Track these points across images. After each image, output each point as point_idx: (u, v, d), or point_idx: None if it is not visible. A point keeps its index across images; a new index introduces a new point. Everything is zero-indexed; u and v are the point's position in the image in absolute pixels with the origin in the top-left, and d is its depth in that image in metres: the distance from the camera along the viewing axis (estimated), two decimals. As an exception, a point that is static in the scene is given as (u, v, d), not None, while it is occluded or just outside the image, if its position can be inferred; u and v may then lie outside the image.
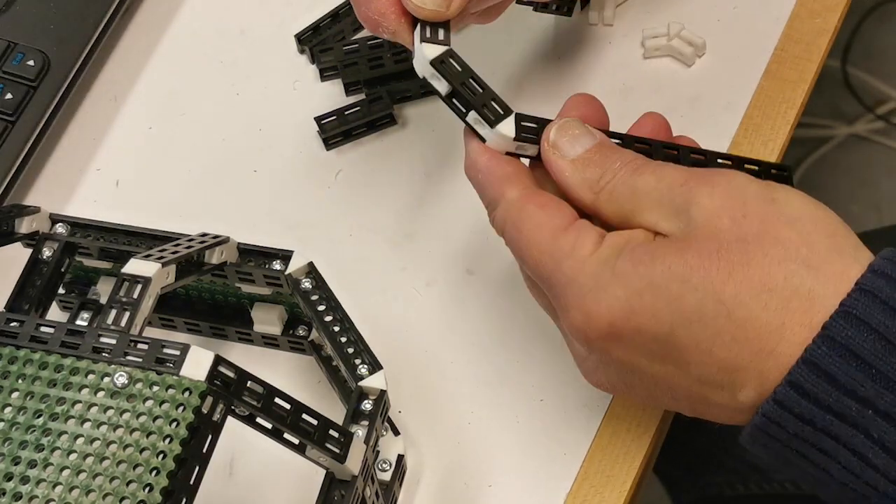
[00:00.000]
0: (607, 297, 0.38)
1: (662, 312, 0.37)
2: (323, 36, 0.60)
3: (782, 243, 0.37)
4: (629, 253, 0.38)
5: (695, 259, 0.37)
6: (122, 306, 0.39)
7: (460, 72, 0.42)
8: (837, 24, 0.59)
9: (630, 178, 0.40)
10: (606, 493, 0.47)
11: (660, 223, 0.39)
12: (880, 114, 1.31)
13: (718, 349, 0.37)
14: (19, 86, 0.57)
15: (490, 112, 0.41)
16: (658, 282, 0.37)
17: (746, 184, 0.39)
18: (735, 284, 0.36)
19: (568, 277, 0.39)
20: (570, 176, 0.41)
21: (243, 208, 0.56)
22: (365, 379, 0.43)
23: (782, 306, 0.36)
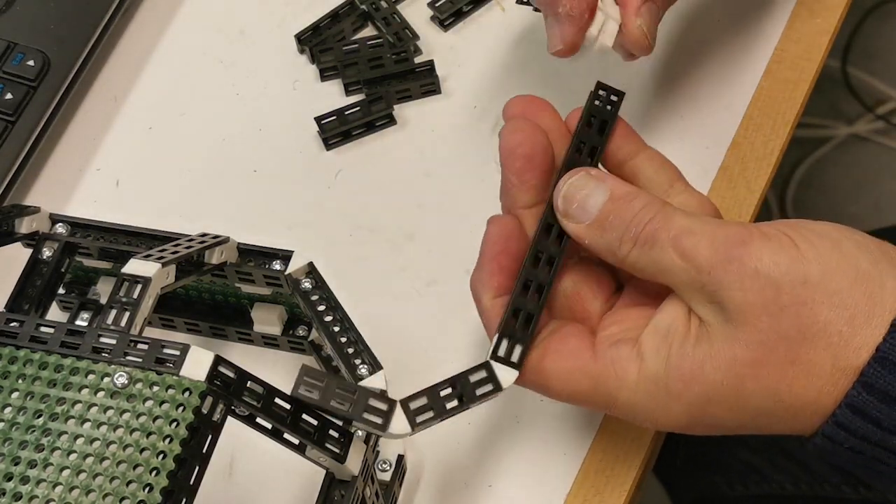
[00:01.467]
0: (671, 415, 0.39)
1: (727, 418, 0.39)
2: (323, 36, 0.60)
3: (823, 328, 0.37)
4: (677, 369, 0.38)
5: (744, 369, 0.37)
6: (122, 306, 0.39)
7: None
8: (837, 24, 0.59)
9: (652, 252, 0.39)
10: (606, 494, 0.47)
11: (696, 308, 0.39)
12: (880, 114, 1.31)
13: (781, 426, 0.39)
14: (19, 86, 0.57)
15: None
16: (715, 398, 0.38)
17: (775, 265, 0.37)
18: (788, 382, 0.37)
19: (627, 407, 0.40)
20: (591, 243, 0.40)
21: (243, 208, 0.56)
22: (365, 379, 0.43)
23: (833, 387, 0.37)
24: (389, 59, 0.58)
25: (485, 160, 0.56)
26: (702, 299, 0.38)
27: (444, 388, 0.39)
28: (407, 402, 0.38)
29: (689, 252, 0.38)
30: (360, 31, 0.61)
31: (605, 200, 0.40)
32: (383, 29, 0.60)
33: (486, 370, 0.40)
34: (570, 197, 0.40)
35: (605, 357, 0.40)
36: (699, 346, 0.38)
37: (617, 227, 0.39)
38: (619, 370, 0.39)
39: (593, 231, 0.40)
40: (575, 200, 0.40)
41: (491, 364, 0.40)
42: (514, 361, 0.40)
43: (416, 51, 0.59)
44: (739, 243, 0.38)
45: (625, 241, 0.39)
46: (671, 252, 0.38)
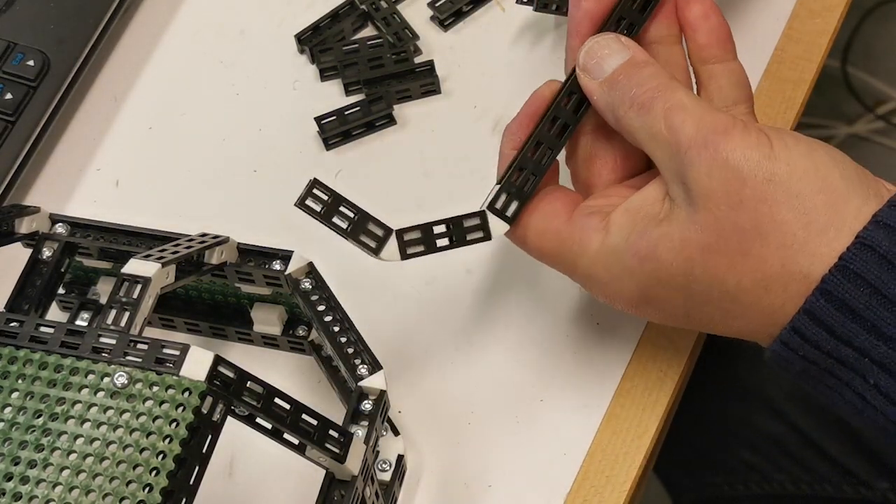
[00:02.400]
0: (623, 289, 0.41)
1: (674, 300, 0.41)
2: (323, 36, 0.60)
3: (779, 227, 0.38)
4: (634, 245, 0.40)
5: (695, 253, 0.39)
6: (122, 306, 0.39)
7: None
8: (837, 24, 0.58)
9: (645, 116, 0.40)
10: (606, 494, 0.47)
11: (668, 182, 0.40)
12: (880, 114, 1.31)
13: (731, 321, 0.40)
14: (19, 86, 0.57)
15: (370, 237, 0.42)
16: (664, 278, 0.40)
17: (745, 158, 0.38)
18: (736, 274, 0.39)
19: (585, 273, 0.42)
20: (598, 99, 0.42)
21: (243, 208, 0.56)
22: (365, 379, 0.43)
23: (781, 289, 0.38)
24: (389, 59, 0.58)
25: (485, 160, 0.56)
26: (674, 178, 0.40)
27: (439, 227, 0.43)
28: (402, 232, 0.42)
29: (675, 126, 0.40)
30: (360, 31, 0.61)
31: (622, 63, 0.42)
32: (383, 29, 0.60)
33: (480, 218, 0.43)
34: (591, 53, 0.43)
35: (577, 224, 0.42)
36: (659, 227, 0.40)
37: (623, 87, 0.41)
38: (585, 238, 0.42)
39: (603, 88, 0.42)
40: (595, 57, 0.42)
41: (486, 213, 0.43)
42: (508, 215, 0.43)
43: (416, 51, 0.59)
44: (720, 131, 0.39)
45: (624, 101, 0.41)
46: (661, 122, 0.40)
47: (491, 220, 0.43)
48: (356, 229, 0.42)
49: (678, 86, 0.41)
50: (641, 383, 0.49)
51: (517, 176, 0.43)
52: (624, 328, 0.50)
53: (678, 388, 0.50)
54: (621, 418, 0.48)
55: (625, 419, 0.48)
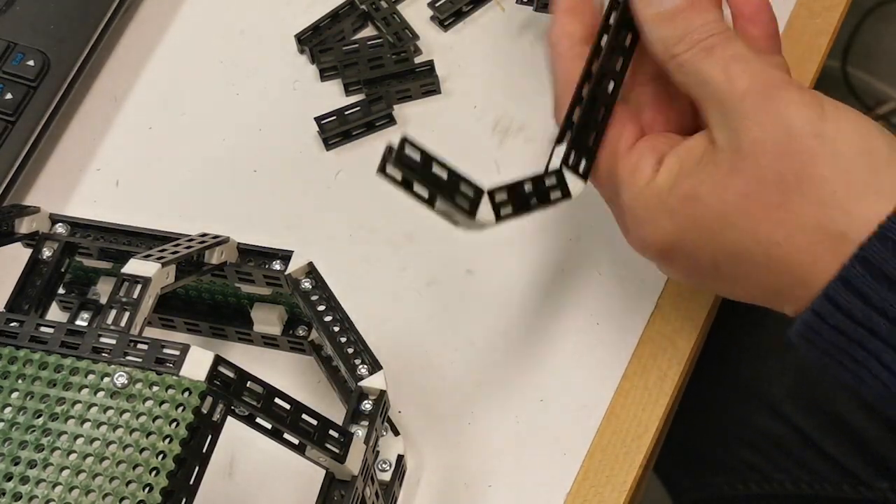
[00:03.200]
0: (658, 230, 0.41)
1: (706, 246, 0.40)
2: (323, 36, 0.60)
3: (819, 184, 0.38)
4: (679, 186, 0.41)
5: (734, 198, 0.39)
6: (122, 306, 0.39)
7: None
8: (837, 24, 0.58)
9: (702, 62, 0.40)
10: (606, 493, 0.47)
11: (715, 128, 0.40)
12: (880, 114, 1.31)
13: (757, 277, 0.40)
14: (19, 86, 0.57)
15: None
16: (700, 220, 0.40)
17: (798, 113, 0.39)
18: (770, 225, 0.39)
19: (626, 205, 0.42)
20: (650, 31, 0.42)
21: (243, 208, 0.56)
22: (365, 379, 0.43)
23: (814, 246, 0.38)
24: (389, 59, 0.58)
25: (485, 160, 0.56)
26: (724, 123, 0.40)
27: (523, 186, 0.40)
28: (493, 192, 0.39)
29: (733, 74, 0.40)
30: (360, 31, 0.61)
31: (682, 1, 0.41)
32: (383, 29, 0.60)
33: (557, 176, 0.41)
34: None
35: (634, 155, 0.42)
36: (704, 169, 0.40)
37: (683, 25, 0.41)
38: (637, 171, 0.42)
39: (659, 20, 0.41)
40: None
41: (563, 171, 0.41)
42: (581, 172, 0.41)
43: (416, 51, 0.59)
44: (777, 85, 0.39)
45: (685, 40, 0.41)
46: (719, 69, 0.40)
47: (568, 178, 0.41)
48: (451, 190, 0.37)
49: (738, 37, 0.41)
50: (641, 383, 0.49)
51: (583, 134, 0.41)
52: (624, 328, 0.50)
53: (678, 388, 0.50)
54: (621, 418, 0.48)
55: (625, 419, 0.48)
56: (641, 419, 0.48)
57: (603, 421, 0.48)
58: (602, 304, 0.51)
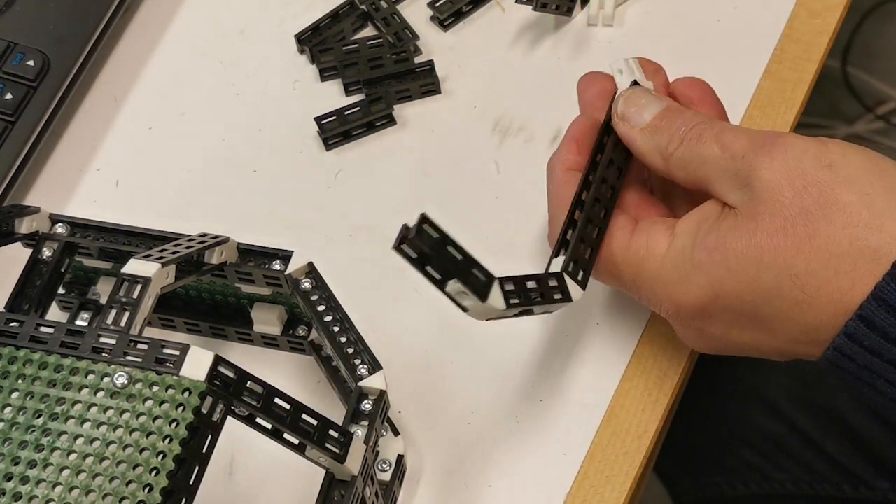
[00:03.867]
0: (692, 287, 0.41)
1: (744, 294, 0.40)
2: (323, 36, 0.60)
3: (843, 209, 0.39)
4: (702, 241, 0.41)
5: (764, 239, 0.40)
6: (121, 306, 0.39)
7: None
8: (837, 24, 0.59)
9: (696, 146, 0.43)
10: (606, 493, 0.47)
11: (727, 195, 0.42)
12: (880, 114, 1.31)
13: (798, 315, 0.40)
14: (19, 86, 0.57)
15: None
16: (734, 267, 0.40)
17: (803, 151, 0.40)
18: (805, 257, 0.39)
19: (652, 276, 0.43)
20: (642, 144, 0.44)
21: (243, 208, 0.56)
22: (365, 379, 0.43)
23: (851, 269, 0.38)
24: (389, 59, 0.58)
25: (485, 160, 0.56)
26: (734, 185, 0.41)
27: (530, 282, 0.41)
28: (502, 282, 0.39)
29: (728, 143, 0.42)
30: (360, 31, 0.61)
31: (662, 109, 0.44)
32: (383, 29, 0.60)
33: (559, 280, 0.42)
34: (630, 102, 0.45)
35: (643, 230, 0.43)
36: (724, 222, 0.41)
37: (668, 129, 0.44)
38: (652, 242, 0.43)
39: (645, 133, 0.44)
40: (634, 105, 0.45)
41: (564, 276, 0.42)
42: (580, 280, 0.43)
43: (416, 51, 0.59)
44: (774, 136, 0.41)
45: (674, 139, 0.43)
46: (713, 144, 0.42)
47: (569, 284, 0.42)
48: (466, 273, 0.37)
49: (718, 120, 0.44)
50: (641, 383, 0.49)
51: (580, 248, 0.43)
52: (624, 328, 0.50)
53: (678, 388, 0.50)
54: (621, 418, 0.48)
55: (625, 419, 0.48)
56: (641, 419, 0.48)
57: (603, 421, 0.48)
58: (602, 304, 0.51)
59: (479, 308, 0.38)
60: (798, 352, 0.41)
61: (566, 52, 0.59)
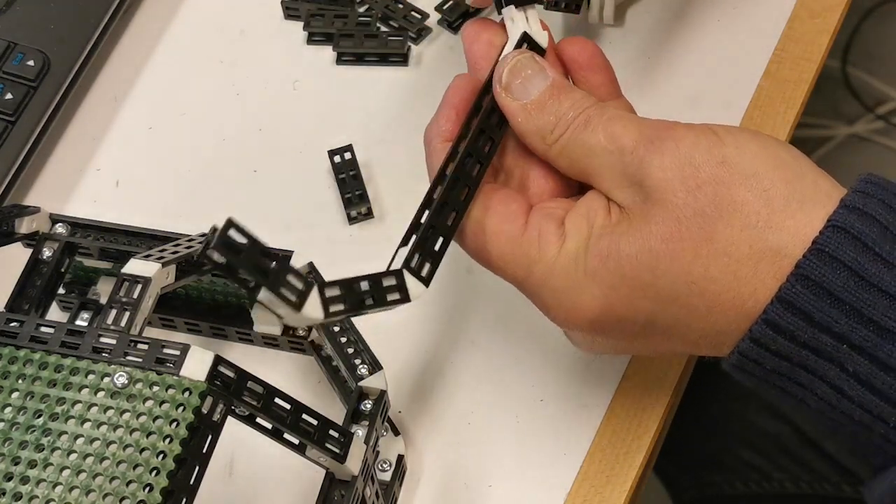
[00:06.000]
0: (584, 296, 0.39)
1: (639, 302, 0.38)
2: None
3: (740, 208, 0.37)
4: (594, 247, 0.38)
5: (658, 244, 0.37)
6: (122, 306, 0.39)
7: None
8: (837, 24, 0.59)
9: (581, 134, 0.40)
10: (606, 493, 0.47)
11: (614, 191, 0.39)
12: (880, 114, 1.31)
13: (696, 322, 0.38)
14: (19, 86, 0.57)
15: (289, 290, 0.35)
16: (629, 274, 0.38)
17: (694, 145, 0.38)
18: (702, 262, 0.37)
19: (541, 281, 0.39)
20: (523, 122, 0.41)
21: (243, 208, 0.56)
22: (365, 379, 0.43)
23: (752, 272, 0.36)
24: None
25: (485, 160, 0.56)
26: (622, 182, 0.39)
27: (359, 284, 0.37)
28: (324, 287, 0.36)
29: (617, 134, 0.39)
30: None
31: (548, 85, 0.40)
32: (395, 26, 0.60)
33: (397, 278, 0.38)
34: (515, 72, 0.41)
35: (534, 227, 0.40)
36: (618, 226, 0.38)
37: (553, 110, 0.40)
38: (543, 243, 0.39)
39: (529, 111, 0.40)
40: (519, 76, 0.41)
41: (403, 273, 0.39)
42: (423, 276, 0.39)
43: (422, 33, 0.60)
44: (664, 128, 0.38)
45: (560, 124, 0.40)
46: (600, 134, 0.39)
47: (409, 281, 0.39)
48: (276, 280, 0.35)
49: (608, 104, 0.41)
50: (641, 383, 0.49)
51: (426, 237, 0.39)
52: (624, 328, 0.50)
53: (678, 388, 0.50)
54: (621, 418, 0.48)
55: (625, 419, 0.48)
56: (641, 419, 0.48)
57: (603, 421, 0.48)
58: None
59: (293, 317, 0.36)
60: (700, 352, 0.40)
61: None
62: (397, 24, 0.60)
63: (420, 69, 0.59)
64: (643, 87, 0.57)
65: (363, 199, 0.54)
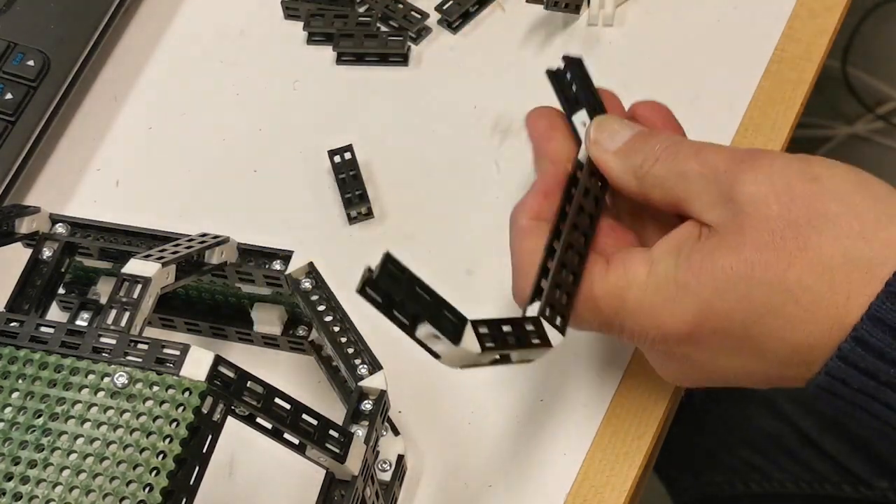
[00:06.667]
0: (679, 310, 0.39)
1: (734, 313, 0.38)
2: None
3: (833, 220, 0.37)
4: (686, 261, 0.39)
5: (753, 254, 0.38)
6: (122, 306, 0.39)
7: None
8: (837, 24, 0.59)
9: (673, 162, 0.41)
10: (606, 494, 0.47)
11: (706, 213, 0.40)
12: (880, 114, 1.31)
13: (790, 334, 0.38)
14: (19, 86, 0.57)
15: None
16: (723, 286, 0.38)
17: (787, 165, 0.39)
18: (797, 270, 0.37)
19: (635, 305, 0.40)
20: (615, 166, 0.42)
21: (243, 208, 0.56)
22: (365, 379, 0.43)
23: (845, 282, 0.37)
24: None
25: (485, 160, 0.56)
26: (715, 201, 0.39)
27: (505, 326, 0.38)
28: (476, 324, 0.37)
29: (709, 158, 0.40)
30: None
31: (634, 134, 0.43)
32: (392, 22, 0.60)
33: (535, 325, 0.39)
34: (602, 127, 0.43)
35: (618, 262, 0.41)
36: (709, 242, 0.39)
37: (643, 148, 0.42)
38: (630, 272, 0.40)
39: (619, 156, 0.42)
40: (607, 131, 0.43)
41: (541, 320, 0.39)
42: (558, 325, 0.40)
43: (422, 33, 0.60)
44: (755, 151, 0.40)
45: (648, 158, 0.41)
46: (692, 160, 0.40)
47: (548, 329, 0.39)
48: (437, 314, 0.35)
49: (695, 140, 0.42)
50: (641, 383, 0.49)
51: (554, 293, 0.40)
52: (624, 328, 0.50)
53: (678, 389, 0.50)
54: (621, 418, 0.48)
55: (625, 419, 0.48)
56: (641, 419, 0.48)
57: (603, 421, 0.48)
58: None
59: (452, 353, 0.36)
60: (786, 376, 0.39)
61: (567, 52, 0.59)
62: (397, 24, 0.60)
63: (420, 69, 0.59)
64: (643, 88, 0.57)
65: (363, 199, 0.54)
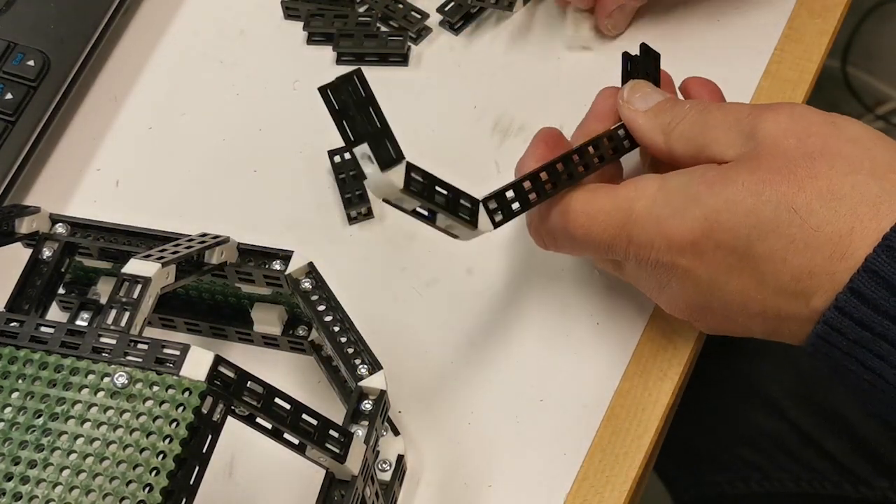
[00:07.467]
0: (686, 219, 0.41)
1: (740, 226, 0.40)
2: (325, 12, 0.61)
3: (846, 157, 0.39)
4: (701, 177, 0.41)
5: (766, 174, 0.40)
6: (122, 306, 0.39)
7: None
8: (837, 24, 0.59)
9: (700, 116, 0.43)
10: (606, 493, 0.47)
11: (727, 151, 0.42)
12: (880, 114, 1.31)
13: (793, 256, 0.39)
14: (19, 86, 0.57)
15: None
16: (733, 198, 0.40)
17: (808, 110, 0.41)
18: (806, 194, 0.39)
19: (643, 214, 0.42)
20: (644, 123, 0.45)
21: (243, 208, 0.56)
22: (365, 379, 0.43)
23: (851, 212, 0.38)
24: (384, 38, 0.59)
25: (485, 160, 0.56)
26: (736, 140, 0.42)
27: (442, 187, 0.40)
28: (486, 202, 0.41)
29: (734, 108, 0.43)
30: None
31: (665, 98, 0.46)
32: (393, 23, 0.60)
33: (472, 203, 0.41)
34: (635, 89, 0.46)
35: (629, 181, 0.43)
36: (728, 166, 0.41)
37: (671, 111, 0.45)
38: (641, 186, 0.43)
39: (649, 115, 0.45)
40: (639, 92, 0.46)
41: (480, 205, 0.41)
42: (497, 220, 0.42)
43: (422, 33, 0.59)
44: (776, 102, 0.43)
45: (676, 117, 0.44)
46: (718, 112, 0.43)
47: (482, 213, 0.42)
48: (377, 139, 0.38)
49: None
50: (641, 383, 0.49)
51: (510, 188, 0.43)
52: (624, 328, 0.50)
53: (678, 388, 0.50)
54: (621, 418, 0.48)
55: (625, 419, 0.48)
56: (641, 419, 0.48)
57: (603, 421, 0.48)
58: (602, 304, 0.51)
59: (377, 179, 0.38)
60: (783, 311, 0.40)
61: (566, 52, 0.59)
62: (397, 24, 0.60)
63: (420, 69, 0.59)
64: (643, 87, 0.57)
65: (363, 199, 0.54)
